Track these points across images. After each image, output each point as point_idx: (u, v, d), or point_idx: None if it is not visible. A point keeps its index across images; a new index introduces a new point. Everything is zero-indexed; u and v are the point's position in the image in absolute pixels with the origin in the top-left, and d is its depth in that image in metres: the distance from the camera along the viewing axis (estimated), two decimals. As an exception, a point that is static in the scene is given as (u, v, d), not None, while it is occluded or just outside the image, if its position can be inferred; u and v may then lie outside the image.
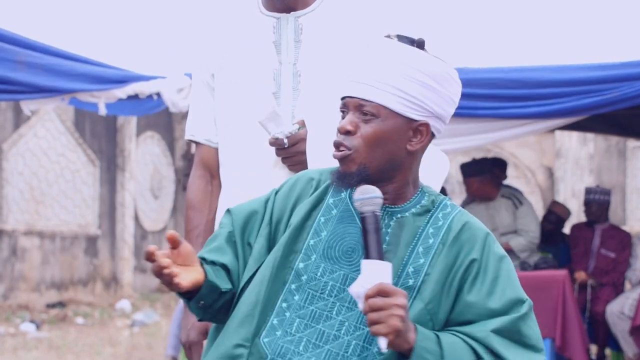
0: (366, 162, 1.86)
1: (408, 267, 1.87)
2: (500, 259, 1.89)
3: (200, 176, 2.65)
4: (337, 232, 1.92)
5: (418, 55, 1.86)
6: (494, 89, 5.65)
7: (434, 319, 1.84)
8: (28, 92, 5.37)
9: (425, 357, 1.77)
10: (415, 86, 1.85)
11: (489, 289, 1.85)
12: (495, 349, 1.82)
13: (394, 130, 1.86)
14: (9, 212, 11.41)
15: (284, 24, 2.51)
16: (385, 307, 1.72)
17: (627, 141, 12.50)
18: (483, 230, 1.91)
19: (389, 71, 1.85)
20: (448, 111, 1.91)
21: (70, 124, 12.28)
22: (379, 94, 1.85)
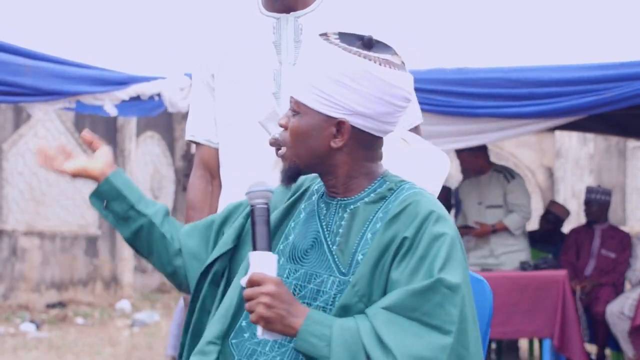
0: (295, 157, 1.92)
1: (357, 255, 1.88)
2: (435, 238, 1.82)
3: (200, 176, 2.66)
4: (301, 232, 1.97)
5: (335, 53, 1.87)
6: (494, 89, 5.66)
7: (365, 300, 1.83)
8: (33, 95, 5.46)
9: (310, 341, 1.77)
10: (330, 84, 1.86)
11: (414, 267, 1.81)
12: (375, 326, 1.77)
13: (311, 127, 1.89)
14: (9, 212, 11.41)
15: (284, 24, 2.51)
16: (254, 296, 1.78)
17: (627, 141, 12.50)
18: (426, 209, 1.86)
19: (307, 69, 1.90)
20: (374, 109, 1.88)
21: (70, 124, 12.28)
22: (299, 91, 1.91)
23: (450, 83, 5.69)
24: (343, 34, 1.91)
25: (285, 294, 1.79)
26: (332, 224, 1.93)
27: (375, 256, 1.85)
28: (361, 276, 1.84)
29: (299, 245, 1.95)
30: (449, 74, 5.83)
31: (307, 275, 1.91)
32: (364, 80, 1.86)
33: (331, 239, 1.92)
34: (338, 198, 1.94)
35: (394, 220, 1.87)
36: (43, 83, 5.42)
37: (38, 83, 5.39)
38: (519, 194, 6.73)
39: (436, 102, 5.61)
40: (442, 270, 1.79)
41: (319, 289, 1.89)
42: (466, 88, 5.67)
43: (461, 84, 5.68)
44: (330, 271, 1.89)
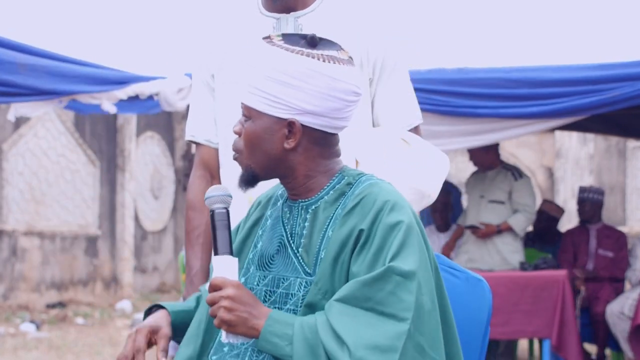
0: (250, 162, 1.92)
1: (320, 253, 1.88)
2: (391, 227, 1.81)
3: (200, 177, 2.66)
4: (267, 239, 1.98)
5: (277, 54, 1.87)
6: (494, 89, 5.66)
7: (328, 297, 1.83)
8: (27, 95, 5.39)
9: (272, 341, 1.77)
10: (274, 85, 1.86)
11: (372, 260, 1.80)
12: (329, 319, 1.76)
13: (263, 130, 1.89)
14: (9, 212, 11.41)
15: (284, 24, 2.51)
16: (215, 301, 1.79)
17: (627, 141, 12.50)
18: (381, 199, 1.85)
19: (251, 72, 1.90)
20: (324, 106, 1.87)
21: (70, 124, 12.28)
22: (247, 95, 1.91)
23: (450, 83, 5.69)
24: (287, 35, 1.92)
25: (245, 297, 1.80)
26: (296, 227, 1.93)
27: (335, 251, 1.85)
28: (322, 273, 1.84)
29: (265, 252, 1.96)
30: (449, 74, 5.83)
31: (275, 280, 1.91)
32: (309, 78, 1.85)
33: (295, 241, 1.92)
34: (299, 200, 1.94)
35: (350, 214, 1.86)
36: (39, 82, 5.35)
37: (33, 82, 5.33)
38: (526, 193, 6.73)
39: (436, 102, 5.61)
40: (395, 259, 1.78)
41: (288, 292, 1.89)
42: (466, 88, 5.67)
43: (461, 84, 5.68)
44: (297, 273, 1.89)
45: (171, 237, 14.57)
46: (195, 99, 2.66)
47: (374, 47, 2.52)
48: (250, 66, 1.90)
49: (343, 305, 1.76)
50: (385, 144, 2.28)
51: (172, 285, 14.19)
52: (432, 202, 2.34)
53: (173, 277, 14.39)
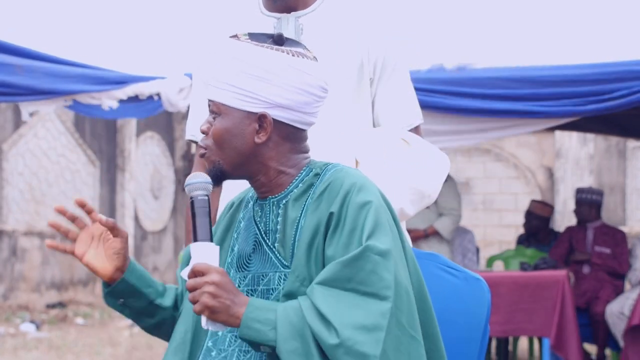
0: (219, 158, 1.91)
1: (296, 244, 1.89)
2: (361, 207, 1.83)
3: (200, 176, 2.66)
4: (243, 239, 1.98)
5: (247, 49, 1.89)
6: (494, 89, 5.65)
7: (306, 284, 1.83)
8: (27, 95, 5.41)
9: (254, 327, 1.76)
10: (246, 79, 1.87)
11: (346, 241, 1.81)
12: (314, 302, 1.76)
13: (234, 125, 1.89)
14: (9, 213, 11.41)
15: (285, 24, 2.51)
16: (197, 286, 1.77)
17: (627, 141, 12.49)
18: (348, 182, 1.86)
19: (221, 68, 1.90)
20: (294, 99, 1.90)
21: (70, 124, 12.29)
22: (216, 92, 1.91)
23: (450, 83, 5.69)
24: (253, 34, 1.93)
25: (229, 284, 1.79)
26: (269, 223, 1.94)
27: (308, 238, 1.85)
28: (298, 261, 1.85)
29: (243, 253, 1.96)
30: (449, 74, 5.82)
31: (255, 278, 1.92)
32: (280, 72, 1.88)
33: (270, 237, 1.92)
34: (270, 197, 1.95)
35: (319, 200, 1.88)
36: (37, 82, 5.37)
37: (32, 83, 5.34)
38: (450, 197, 6.73)
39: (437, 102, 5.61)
40: (371, 237, 1.79)
41: (268, 288, 1.89)
42: (466, 88, 5.67)
43: (461, 84, 5.68)
44: (275, 268, 1.90)
45: (171, 237, 14.57)
46: (195, 99, 2.66)
47: (374, 46, 2.52)
48: (219, 63, 1.91)
49: (325, 288, 1.77)
50: (386, 143, 2.29)
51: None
52: (432, 202, 2.34)
53: (173, 277, 14.39)
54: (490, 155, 13.04)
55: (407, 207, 2.26)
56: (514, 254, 7.47)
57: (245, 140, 1.89)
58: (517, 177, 13.13)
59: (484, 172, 13.08)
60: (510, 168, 13.09)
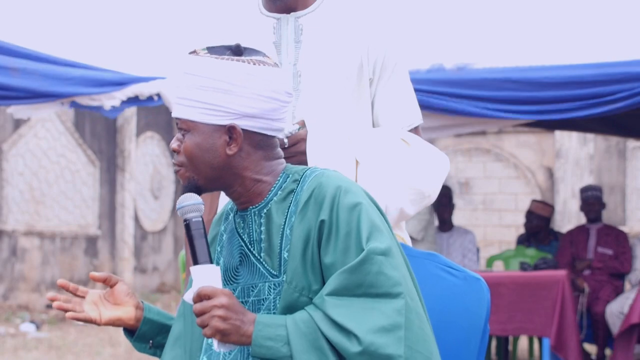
0: (193, 174, 1.91)
1: (283, 253, 1.89)
2: (351, 209, 1.83)
3: (200, 176, 2.66)
4: (228, 252, 1.98)
5: (204, 63, 1.90)
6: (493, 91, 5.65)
7: (305, 293, 1.84)
8: (24, 98, 5.37)
9: (266, 345, 1.76)
10: (208, 93, 1.88)
11: (344, 245, 1.81)
12: (327, 313, 1.76)
13: (204, 140, 1.89)
14: (9, 213, 11.41)
15: (284, 24, 2.51)
16: (206, 310, 1.77)
17: (627, 141, 12.49)
18: (333, 187, 1.87)
19: (182, 85, 1.91)
20: (261, 107, 1.90)
21: (70, 124, 12.29)
22: (182, 109, 1.91)
23: (450, 84, 5.69)
24: (211, 47, 1.94)
25: (237, 305, 1.79)
26: (253, 233, 1.93)
27: (301, 248, 1.85)
28: (294, 271, 1.85)
29: (229, 265, 1.96)
30: (449, 74, 5.82)
31: (244, 290, 1.92)
32: (243, 82, 1.88)
33: (256, 247, 1.92)
34: (250, 207, 1.94)
35: (306, 208, 1.87)
36: (35, 85, 5.33)
37: (29, 85, 5.31)
38: None
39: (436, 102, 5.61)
40: (370, 240, 1.80)
41: (259, 299, 1.89)
42: (466, 90, 5.67)
43: (461, 85, 5.68)
44: (264, 278, 1.90)
45: (171, 237, 14.57)
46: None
47: (374, 47, 2.52)
48: (180, 80, 1.92)
49: (336, 298, 1.77)
50: (386, 144, 2.28)
51: (172, 286, 14.19)
52: (432, 202, 2.34)
53: (173, 277, 14.39)
54: (490, 155, 13.04)
55: (407, 207, 2.26)
56: (514, 254, 7.47)
57: (218, 153, 1.89)
58: (517, 177, 13.12)
59: (484, 172, 13.07)
60: (510, 168, 13.08)
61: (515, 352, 7.25)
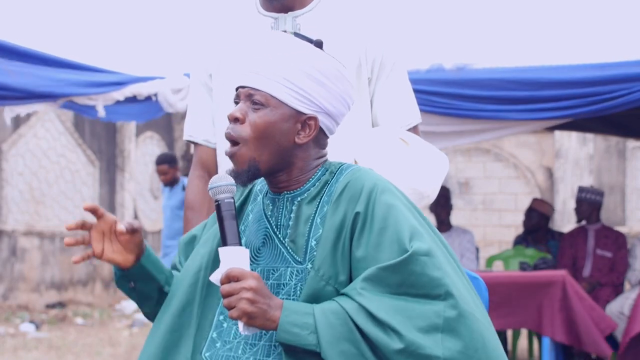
0: (255, 155, 1.87)
1: (310, 241, 1.88)
2: (389, 207, 1.83)
3: (198, 177, 2.66)
4: (251, 232, 1.96)
5: (308, 49, 1.89)
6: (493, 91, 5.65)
7: (332, 282, 1.83)
8: (22, 98, 5.35)
9: (292, 331, 1.76)
10: (305, 79, 1.87)
11: (377, 240, 1.80)
12: (365, 306, 1.75)
13: (281, 121, 1.87)
14: (8, 213, 11.41)
15: (282, 24, 2.51)
16: (234, 292, 1.76)
17: (627, 141, 12.49)
18: (370, 182, 1.86)
19: (280, 63, 1.87)
20: (339, 109, 1.92)
21: (70, 124, 12.28)
22: (267, 82, 1.87)
23: (450, 84, 5.69)
24: (298, 35, 1.92)
25: (265, 288, 1.78)
26: (281, 218, 1.93)
27: (332, 237, 1.84)
28: (323, 260, 1.84)
29: (251, 245, 1.95)
30: (448, 75, 5.82)
31: (265, 272, 1.91)
32: (335, 79, 1.89)
33: (282, 232, 1.92)
34: (284, 192, 1.94)
35: (340, 199, 1.87)
36: (31, 85, 5.31)
37: (26, 85, 5.28)
38: None
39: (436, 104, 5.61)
40: (413, 240, 1.79)
41: (279, 282, 1.88)
42: (466, 90, 5.67)
43: (461, 85, 5.68)
44: (287, 263, 1.89)
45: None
46: (193, 99, 2.66)
47: (372, 46, 2.52)
48: (278, 56, 1.88)
49: (374, 293, 1.76)
50: (384, 144, 2.28)
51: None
52: (431, 202, 2.34)
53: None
54: (490, 155, 13.04)
55: (406, 207, 2.26)
56: (514, 254, 7.47)
57: (287, 138, 1.88)
58: (517, 177, 13.13)
59: (483, 172, 13.07)
60: (510, 168, 13.08)
61: (515, 351, 7.25)
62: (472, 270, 5.01)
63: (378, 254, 1.79)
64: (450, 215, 7.63)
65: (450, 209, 7.57)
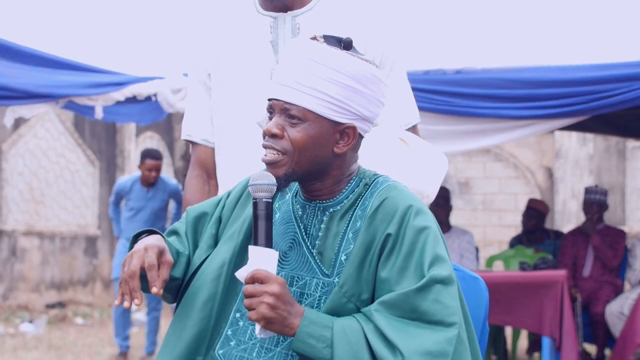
0: (295, 167, 1.85)
1: (340, 255, 1.86)
2: (419, 231, 1.81)
3: (197, 176, 2.65)
4: (278, 233, 1.94)
5: (341, 57, 1.83)
6: (493, 90, 5.66)
7: (354, 300, 1.82)
8: (21, 98, 5.35)
9: (308, 342, 1.75)
10: (339, 89, 1.82)
11: (402, 265, 1.79)
12: (379, 326, 1.75)
13: (321, 134, 1.83)
14: (8, 213, 11.41)
15: (281, 23, 2.51)
16: (256, 294, 1.75)
17: (627, 141, 12.49)
18: (405, 203, 1.84)
19: (312, 74, 1.82)
20: (374, 112, 1.88)
21: (69, 124, 12.28)
22: (303, 97, 1.82)
23: (449, 84, 5.69)
24: (327, 37, 1.87)
25: (288, 295, 1.77)
26: (311, 227, 1.91)
27: (360, 255, 1.83)
28: (348, 276, 1.83)
29: (277, 247, 1.92)
30: (448, 75, 5.82)
31: (289, 277, 1.89)
32: (371, 84, 1.84)
33: (311, 241, 1.90)
34: (317, 201, 1.91)
35: (374, 217, 1.85)
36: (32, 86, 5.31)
37: (27, 86, 5.29)
38: None
39: (436, 102, 5.61)
40: (432, 266, 1.78)
41: (303, 292, 1.87)
42: (466, 89, 5.67)
43: (461, 84, 5.68)
44: (313, 273, 1.87)
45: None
46: (191, 98, 2.66)
47: (372, 45, 2.52)
48: (312, 68, 1.83)
49: (389, 316, 1.76)
50: (384, 143, 2.28)
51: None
52: (430, 202, 2.34)
53: (173, 277, 14.37)
54: (490, 155, 13.03)
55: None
56: (514, 254, 7.47)
57: (327, 149, 1.85)
58: (517, 177, 13.12)
59: (483, 172, 13.07)
60: (510, 168, 13.08)
61: (514, 351, 7.25)
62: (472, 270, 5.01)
63: (401, 278, 1.79)
64: (450, 216, 7.63)
65: (449, 209, 7.57)
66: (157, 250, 1.87)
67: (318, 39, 1.86)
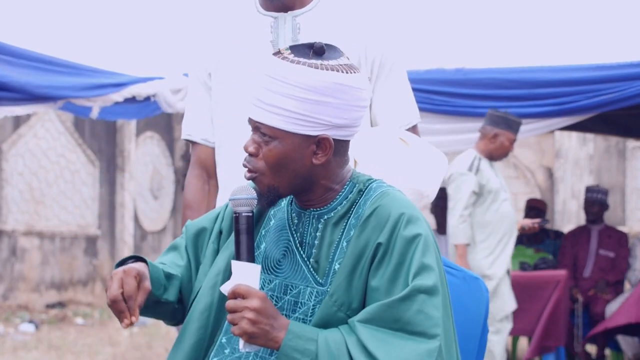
0: (274, 183, 1.84)
1: (334, 264, 1.85)
2: (410, 241, 1.79)
3: (197, 176, 2.65)
4: (272, 241, 1.93)
5: (298, 72, 1.79)
6: (493, 89, 5.66)
7: (344, 310, 1.81)
8: (21, 99, 5.33)
9: (293, 356, 1.75)
10: (300, 104, 1.79)
11: (392, 275, 1.78)
12: (360, 338, 1.74)
13: (293, 150, 1.81)
14: (8, 213, 11.41)
15: (282, 23, 2.51)
16: (237, 309, 1.75)
17: (627, 141, 12.50)
18: (397, 211, 1.82)
19: (271, 91, 1.80)
20: (351, 117, 1.84)
21: (70, 124, 12.28)
22: (267, 115, 1.81)
23: (449, 83, 5.70)
24: (294, 47, 1.84)
25: (270, 309, 1.76)
26: (306, 235, 1.90)
27: (351, 264, 1.82)
28: (338, 285, 1.82)
29: (271, 255, 1.92)
30: (448, 75, 5.83)
31: (283, 286, 1.88)
32: (338, 93, 1.80)
33: (306, 251, 1.89)
34: (311, 209, 1.90)
35: (365, 225, 1.84)
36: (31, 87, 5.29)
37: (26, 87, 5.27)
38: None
39: (436, 102, 5.61)
40: (417, 276, 1.77)
41: (297, 301, 1.86)
42: (466, 89, 5.67)
43: (461, 84, 5.69)
44: (307, 282, 1.87)
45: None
46: (192, 98, 2.65)
47: (372, 45, 2.52)
48: (269, 85, 1.81)
49: (372, 327, 1.75)
50: (384, 143, 2.28)
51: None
52: (430, 202, 2.34)
53: (173, 277, 14.37)
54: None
55: (405, 207, 2.25)
56: (514, 254, 7.46)
57: (304, 162, 1.82)
58: (517, 177, 13.12)
59: (483, 172, 13.06)
60: (510, 168, 13.08)
61: (514, 351, 7.25)
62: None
63: (391, 288, 1.78)
64: (449, 217, 7.61)
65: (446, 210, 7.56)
66: (137, 273, 1.90)
67: (282, 52, 1.84)
